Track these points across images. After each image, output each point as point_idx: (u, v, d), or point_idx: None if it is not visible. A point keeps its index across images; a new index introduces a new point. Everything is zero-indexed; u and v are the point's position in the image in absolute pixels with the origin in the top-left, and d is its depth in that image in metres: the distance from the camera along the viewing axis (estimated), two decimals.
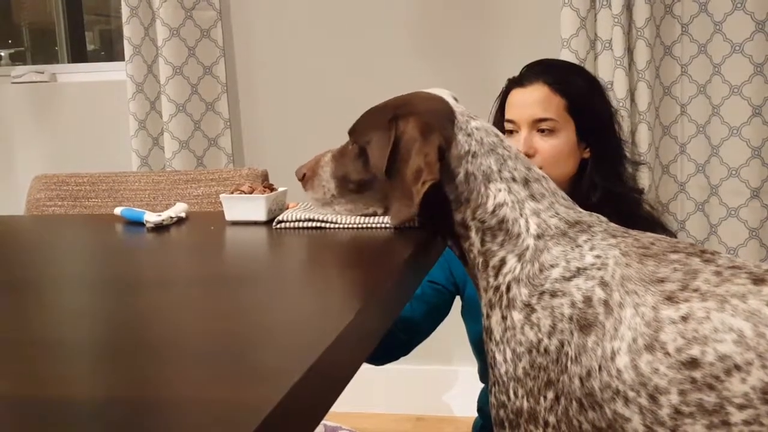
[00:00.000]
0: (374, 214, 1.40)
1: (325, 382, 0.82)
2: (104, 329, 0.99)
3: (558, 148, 1.68)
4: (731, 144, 2.55)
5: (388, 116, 1.32)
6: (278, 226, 1.48)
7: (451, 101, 1.36)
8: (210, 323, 0.98)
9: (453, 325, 1.96)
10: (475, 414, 1.92)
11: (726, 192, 2.58)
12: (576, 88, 1.72)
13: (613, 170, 1.73)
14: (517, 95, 1.72)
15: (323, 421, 2.78)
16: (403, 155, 1.28)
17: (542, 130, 1.68)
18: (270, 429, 0.67)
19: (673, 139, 2.62)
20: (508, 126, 1.72)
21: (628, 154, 1.80)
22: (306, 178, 1.43)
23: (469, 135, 1.31)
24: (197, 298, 1.10)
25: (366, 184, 1.37)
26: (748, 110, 2.51)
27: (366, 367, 3.04)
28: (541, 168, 1.65)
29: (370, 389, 2.92)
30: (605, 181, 1.70)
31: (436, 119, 1.30)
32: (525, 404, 1.24)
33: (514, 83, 1.75)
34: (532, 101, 1.69)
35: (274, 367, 0.79)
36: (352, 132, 1.39)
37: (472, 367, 1.93)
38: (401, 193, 1.27)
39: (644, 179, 2.38)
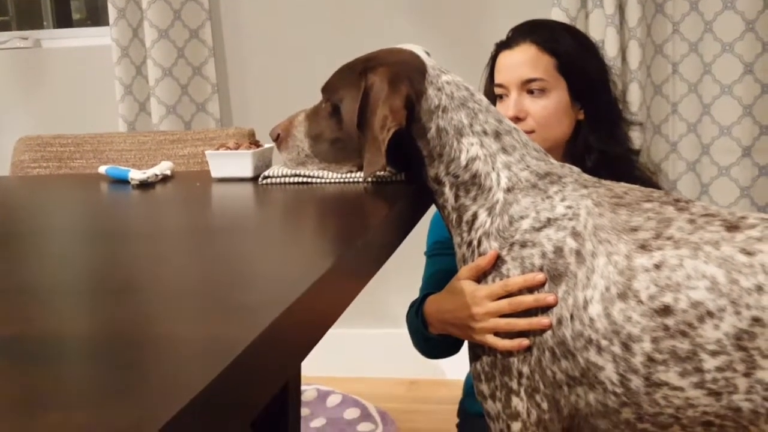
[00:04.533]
0: (349, 173, 1.40)
1: (305, 322, 0.81)
2: (92, 275, 1.01)
3: (549, 108, 1.63)
4: (723, 102, 2.53)
5: (358, 71, 1.31)
6: (264, 181, 1.47)
7: (423, 55, 1.34)
8: (195, 268, 0.99)
9: None
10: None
11: (717, 151, 2.57)
12: (565, 45, 1.67)
13: (608, 131, 1.67)
14: (505, 58, 1.67)
15: (316, 386, 2.78)
16: (372, 106, 1.27)
17: (532, 92, 1.62)
18: (246, 363, 0.66)
19: (665, 98, 2.60)
20: (498, 90, 1.67)
21: (623, 114, 1.75)
22: (280, 138, 1.42)
23: (439, 89, 1.30)
24: (183, 246, 1.11)
25: (340, 142, 1.36)
26: (740, 67, 2.50)
27: (359, 332, 3.03)
28: (533, 131, 1.62)
29: (363, 354, 2.93)
30: (600, 142, 1.65)
31: (405, 71, 1.29)
32: (498, 356, 1.24)
33: (502, 46, 1.70)
34: (520, 62, 1.64)
35: (255, 306, 0.80)
36: (325, 90, 1.38)
37: None
38: (371, 144, 1.26)
39: (636, 139, 2.35)
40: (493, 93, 1.69)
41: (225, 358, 0.64)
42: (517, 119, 1.61)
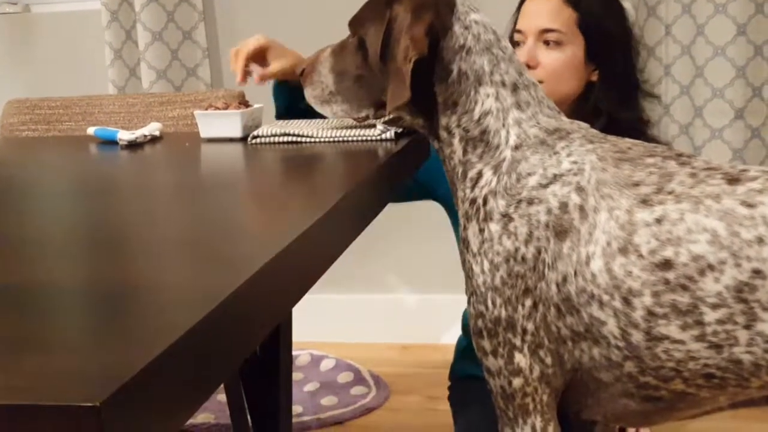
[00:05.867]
0: (366, 118, 1.35)
1: (291, 274, 0.81)
2: (80, 230, 1.01)
3: (561, 61, 1.63)
4: (716, 64, 2.52)
5: (384, 1, 1.26)
6: (254, 141, 1.46)
7: None
8: (182, 223, 1.00)
9: (438, 253, 1.96)
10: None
11: (710, 113, 2.56)
12: (590, 2, 1.67)
13: (620, 96, 1.66)
14: (529, 5, 1.69)
15: (310, 351, 2.80)
16: (396, 37, 1.23)
17: (548, 42, 1.64)
18: (231, 310, 0.66)
19: (658, 60, 2.59)
20: (516, 37, 1.68)
21: (640, 83, 1.73)
22: (305, 73, 1.37)
23: (466, 28, 1.25)
24: (171, 201, 1.12)
25: (364, 78, 1.31)
26: (733, 29, 2.48)
27: (352, 297, 3.04)
28: (541, 82, 1.62)
29: (357, 319, 2.94)
30: (610, 106, 1.65)
31: (432, 1, 1.25)
32: (503, 313, 1.23)
33: None
34: (542, 11, 1.65)
35: (241, 257, 0.80)
36: (352, 23, 1.33)
37: (458, 295, 1.92)
38: (394, 76, 1.23)
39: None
40: (513, 39, 1.69)
41: (209, 304, 0.64)
42: (528, 67, 1.61)
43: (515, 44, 1.68)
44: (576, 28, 1.64)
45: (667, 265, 1.10)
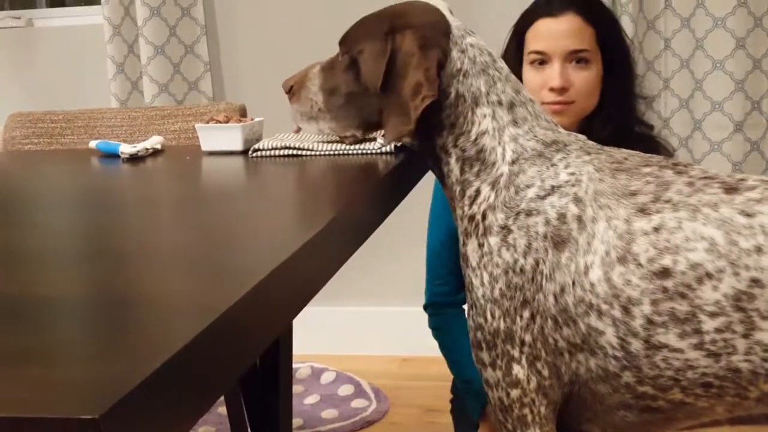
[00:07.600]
0: (353, 137, 1.36)
1: (291, 286, 0.82)
2: (81, 242, 1.02)
3: (591, 79, 1.66)
4: (715, 78, 2.53)
5: (383, 27, 1.26)
6: (255, 154, 1.47)
7: (447, 14, 1.32)
8: (183, 235, 1.00)
9: None
10: None
11: (709, 126, 2.57)
12: (603, 16, 1.70)
13: (626, 103, 1.71)
14: (548, 25, 1.68)
15: (310, 363, 2.80)
16: (400, 70, 1.23)
17: (578, 61, 1.65)
18: (231, 322, 0.67)
19: (657, 74, 2.60)
20: (537, 57, 1.67)
21: (638, 90, 1.78)
22: (293, 90, 1.36)
23: (462, 52, 1.26)
24: (173, 213, 1.13)
25: (356, 97, 1.31)
26: (732, 43, 2.49)
27: (352, 310, 3.03)
28: (573, 102, 1.65)
29: (357, 331, 2.94)
30: (619, 113, 1.68)
31: (434, 34, 1.25)
32: (501, 325, 1.23)
33: (541, 13, 1.70)
34: (566, 32, 1.65)
35: (241, 269, 0.80)
36: (344, 42, 1.32)
37: None
38: (398, 108, 1.24)
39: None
40: (516, 55, 1.70)
41: (209, 316, 0.64)
42: (562, 90, 1.63)
43: (532, 63, 1.68)
44: (596, 45, 1.66)
45: (665, 273, 1.11)
